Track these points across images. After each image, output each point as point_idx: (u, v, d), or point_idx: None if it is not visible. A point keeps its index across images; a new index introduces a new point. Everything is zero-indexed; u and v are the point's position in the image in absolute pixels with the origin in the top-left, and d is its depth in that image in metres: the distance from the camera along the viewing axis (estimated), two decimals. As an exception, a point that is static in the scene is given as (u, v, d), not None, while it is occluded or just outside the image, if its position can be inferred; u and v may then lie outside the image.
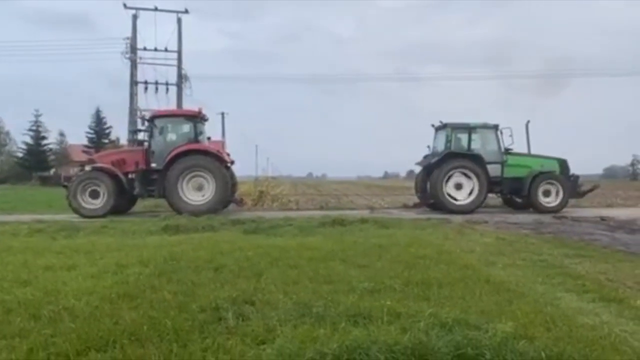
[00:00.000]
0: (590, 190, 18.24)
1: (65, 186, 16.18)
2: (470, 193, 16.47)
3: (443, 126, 17.43)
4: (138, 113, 27.44)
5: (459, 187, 16.54)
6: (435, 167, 16.76)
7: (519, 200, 17.69)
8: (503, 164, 17.04)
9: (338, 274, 5.82)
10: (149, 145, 16.06)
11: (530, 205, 16.98)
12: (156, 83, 27.83)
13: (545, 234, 10.59)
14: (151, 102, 28.15)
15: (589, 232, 10.87)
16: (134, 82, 27.72)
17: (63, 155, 64.78)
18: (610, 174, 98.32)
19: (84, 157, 19.12)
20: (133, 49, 27.69)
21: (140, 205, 21.52)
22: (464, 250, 7.90)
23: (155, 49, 27.69)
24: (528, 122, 18.00)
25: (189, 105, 27.35)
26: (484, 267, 6.58)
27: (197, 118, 16.29)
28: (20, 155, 65.51)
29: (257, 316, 4.17)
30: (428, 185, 17.57)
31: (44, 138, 64.98)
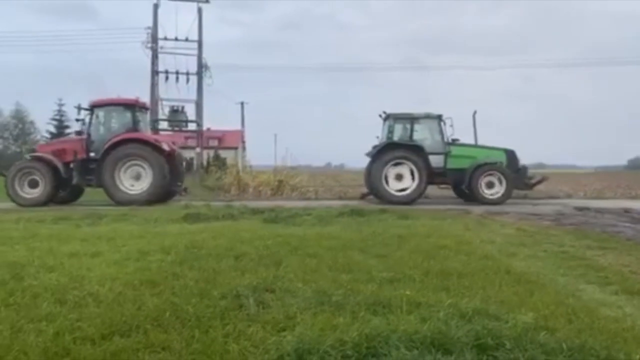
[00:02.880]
0: (539, 182, 17.97)
1: (3, 175, 16.19)
2: (411, 184, 16.39)
3: (387, 117, 17.32)
4: (159, 103, 27.72)
5: (399, 178, 16.48)
6: (376, 157, 16.73)
7: (467, 191, 17.37)
8: (446, 154, 16.84)
9: (357, 264, 5.85)
10: (89, 135, 16.00)
11: (472, 197, 16.73)
12: (177, 73, 27.99)
13: (566, 225, 10.46)
14: (172, 91, 28.32)
15: (611, 224, 10.71)
16: (155, 72, 27.92)
17: (86, 143, 65.68)
18: (635, 165, 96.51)
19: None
20: (154, 38, 27.87)
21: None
22: (484, 241, 7.85)
23: (176, 39, 27.85)
24: (475, 112, 17.79)
25: (209, 95, 27.53)
26: (504, 258, 6.53)
27: (135, 107, 16.20)
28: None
29: (277, 304, 4.21)
30: None
31: (67, 127, 65.95)
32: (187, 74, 28.27)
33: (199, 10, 28.15)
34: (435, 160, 16.69)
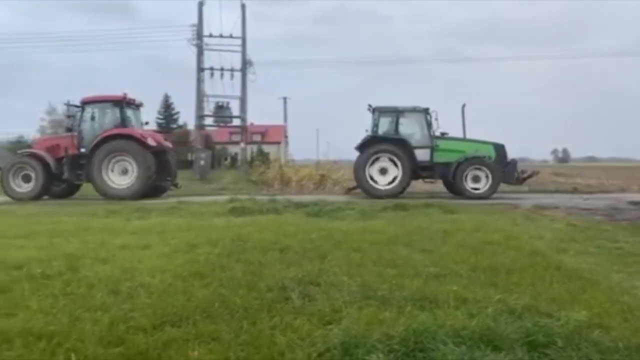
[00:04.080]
0: (530, 176, 17.50)
1: None
2: (395, 178, 16.21)
3: (374, 110, 17.14)
4: (204, 99, 28.24)
5: (383, 171, 16.33)
6: (360, 151, 16.64)
7: (453, 185, 17.05)
8: (433, 148, 16.60)
9: (402, 258, 5.81)
10: (79, 131, 16.36)
11: (457, 191, 16.45)
12: (221, 69, 28.45)
13: (620, 220, 10.08)
14: (217, 88, 28.80)
15: (669, 219, 10.25)
16: (200, 69, 28.42)
17: (134, 139, 67.37)
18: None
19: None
20: (199, 35, 28.37)
21: (207, 188, 22.28)
22: (533, 237, 7.66)
23: (221, 36, 28.26)
24: (464, 105, 17.49)
25: (253, 90, 27.84)
26: (555, 253, 6.35)
27: (122, 103, 16.39)
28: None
29: (323, 297, 4.23)
30: None
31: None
32: (232, 70, 28.71)
33: (243, 7, 28.48)
34: (421, 154, 16.62)
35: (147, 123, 18.01)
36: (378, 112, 17.05)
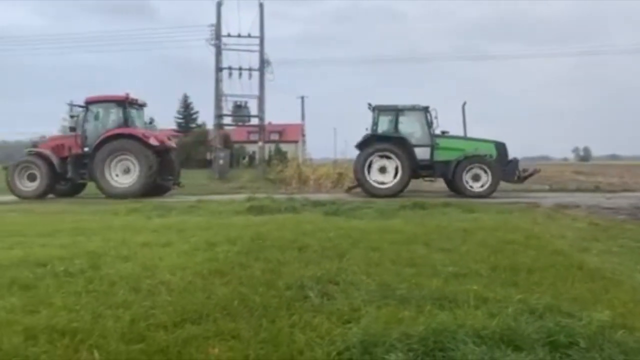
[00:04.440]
0: (531, 174, 17.29)
1: (6, 168, 17.08)
2: (394, 177, 16.23)
3: (373, 108, 17.14)
4: (223, 98, 28.40)
5: (382, 170, 16.34)
6: (359, 150, 16.71)
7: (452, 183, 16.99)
8: (433, 147, 16.56)
9: (421, 257, 5.77)
10: (83, 130, 16.59)
11: (456, 189, 16.41)
12: (240, 69, 28.56)
13: (644, 219, 9.90)
14: (235, 87, 28.94)
15: (695, 218, 10.03)
16: (219, 68, 28.58)
17: (153, 139, 68.08)
18: None
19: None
20: (217, 35, 28.52)
21: (225, 187, 22.43)
22: (554, 236, 7.56)
23: (239, 35, 28.37)
24: (464, 103, 17.38)
25: (270, 90, 27.93)
26: (577, 253, 6.26)
27: (125, 103, 16.57)
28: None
29: (342, 296, 4.24)
30: None
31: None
32: (250, 69, 28.80)
33: (261, 6, 28.53)
34: (421, 153, 16.62)
35: (152, 122, 18.27)
36: (378, 110, 17.16)
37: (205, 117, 62.33)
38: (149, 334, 3.42)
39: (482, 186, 16.04)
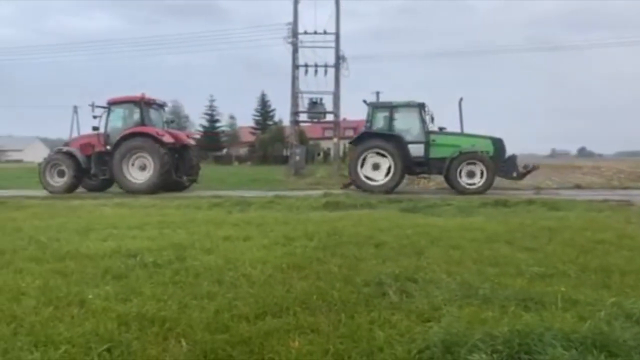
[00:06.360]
0: (529, 171, 16.69)
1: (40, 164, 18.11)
2: (386, 175, 15.98)
3: (368, 105, 16.94)
4: (299, 95, 28.75)
5: (376, 167, 16.14)
6: (354, 146, 16.49)
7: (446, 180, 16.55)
8: (428, 143, 16.16)
9: (504, 257, 5.57)
10: (105, 129, 17.40)
11: (450, 186, 15.97)
12: (315, 65, 28.73)
13: None
14: (310, 84, 29.19)
15: None
16: (295, 66, 28.93)
17: (234, 136, 70.33)
18: None
19: (252, 138, 20.68)
20: (294, 33, 28.87)
21: (301, 182, 22.72)
22: (650, 236, 7.04)
23: (315, 32, 28.55)
24: (461, 99, 16.72)
25: (345, 87, 27.94)
26: (677, 255, 5.80)
27: (141, 103, 17.33)
28: (198, 137, 72.59)
29: (421, 294, 4.17)
30: None
31: (217, 121, 71.06)
32: (325, 66, 28.88)
33: (337, 2, 28.53)
34: (416, 150, 16.36)
35: (172, 122, 19.02)
36: (372, 107, 17.17)
37: (282, 114, 63.59)
38: (232, 324, 3.54)
39: (477, 182, 15.81)
